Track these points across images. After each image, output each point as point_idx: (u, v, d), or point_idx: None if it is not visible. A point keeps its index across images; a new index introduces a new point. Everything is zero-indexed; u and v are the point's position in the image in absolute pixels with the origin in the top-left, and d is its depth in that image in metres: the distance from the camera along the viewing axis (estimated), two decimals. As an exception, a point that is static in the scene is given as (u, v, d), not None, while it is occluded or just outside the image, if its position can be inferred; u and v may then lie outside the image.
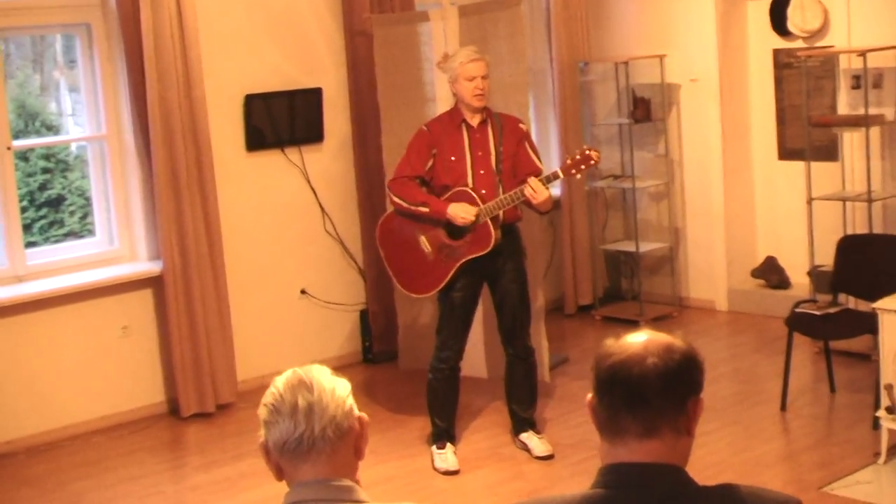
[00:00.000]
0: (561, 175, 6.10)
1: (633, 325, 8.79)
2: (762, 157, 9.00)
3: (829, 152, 8.26)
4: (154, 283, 7.37)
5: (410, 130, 7.49)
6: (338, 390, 2.50)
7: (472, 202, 6.12)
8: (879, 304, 5.93)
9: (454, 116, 6.30)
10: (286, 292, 8.01)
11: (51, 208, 7.61)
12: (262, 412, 2.50)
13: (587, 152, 6.09)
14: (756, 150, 9.03)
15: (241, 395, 7.56)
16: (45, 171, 7.69)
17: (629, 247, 9.21)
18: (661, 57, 8.87)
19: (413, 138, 6.42)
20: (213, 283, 7.36)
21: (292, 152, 7.95)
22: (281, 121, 7.87)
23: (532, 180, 5.98)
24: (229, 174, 7.61)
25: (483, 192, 6.15)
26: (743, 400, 7.08)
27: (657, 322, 8.82)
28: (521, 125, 6.40)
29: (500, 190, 6.17)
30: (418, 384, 6.94)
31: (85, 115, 7.43)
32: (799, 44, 8.57)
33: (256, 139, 7.78)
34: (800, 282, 8.63)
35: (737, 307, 8.95)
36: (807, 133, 8.12)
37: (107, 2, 7.23)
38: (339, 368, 7.24)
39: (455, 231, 6.20)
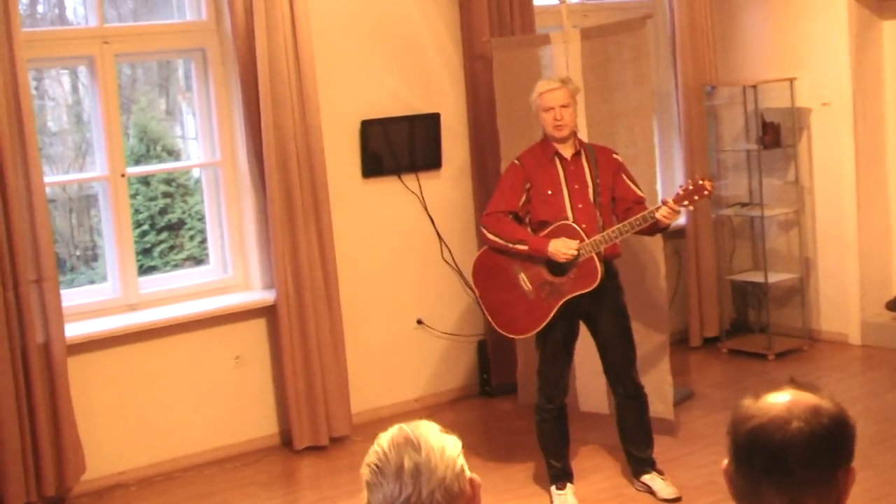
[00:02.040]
0: (674, 206, 5.80)
1: (761, 358, 8.47)
2: (898, 184, 8.61)
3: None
4: (267, 313, 7.24)
5: (530, 157, 7.31)
6: (448, 450, 2.29)
7: (576, 236, 5.87)
8: None
9: (546, 149, 6.06)
10: (402, 322, 7.84)
11: (171, 232, 7.56)
12: (365, 472, 2.30)
13: (700, 182, 5.81)
14: (892, 177, 8.63)
15: (355, 428, 7.38)
16: (166, 195, 7.66)
17: (757, 277, 8.87)
18: (792, 80, 8.54)
19: (506, 172, 6.21)
20: (327, 313, 7.21)
21: (409, 179, 7.79)
22: (398, 147, 7.71)
23: (667, 202, 5.75)
24: (345, 201, 7.46)
25: (583, 226, 5.90)
26: (879, 442, 6.69)
27: (786, 356, 8.49)
28: (615, 156, 6.15)
29: (600, 224, 5.92)
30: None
31: (199, 140, 7.35)
32: (938, 65, 8.20)
33: (373, 165, 7.63)
34: (939, 315, 8.24)
35: (871, 341, 8.54)
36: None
37: (222, 27, 7.15)
38: (456, 401, 7.13)
39: (557, 267, 5.95)
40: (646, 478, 6.24)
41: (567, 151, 6.02)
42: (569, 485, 6.16)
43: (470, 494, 2.31)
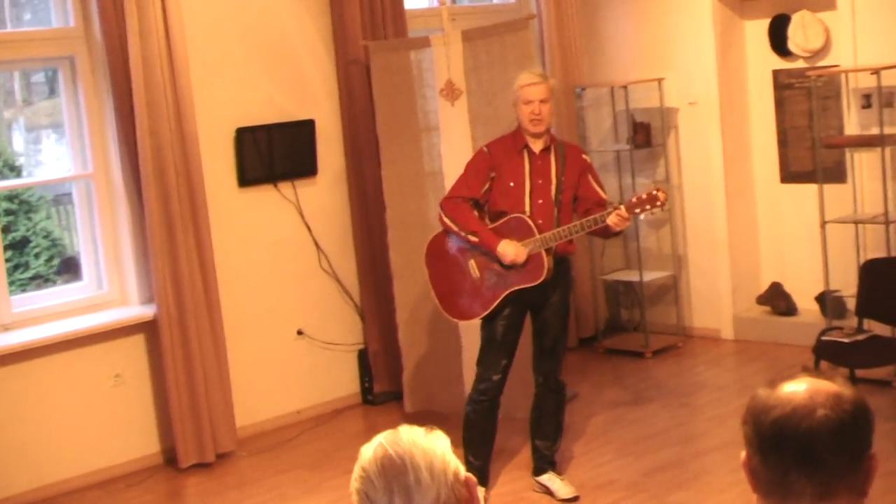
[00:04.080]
0: (625, 213, 5.79)
1: (638, 356, 8.56)
2: (764, 180, 8.77)
3: (835, 174, 8.05)
4: (146, 328, 7.01)
5: (411, 161, 7.26)
6: (436, 463, 2.16)
7: (528, 231, 5.84)
8: (921, 330, 5.68)
9: (517, 140, 6.00)
10: (283, 333, 7.68)
11: (15, 251, 7.24)
12: (355, 499, 2.17)
13: (654, 192, 5.80)
14: (758, 174, 8.80)
15: (240, 443, 7.22)
16: (9, 212, 7.34)
17: (631, 276, 8.95)
18: (660, 80, 8.64)
19: (472, 158, 6.14)
20: (209, 326, 7.02)
21: (285, 187, 7.64)
22: (273, 154, 7.55)
23: (617, 209, 5.74)
24: (221, 211, 7.28)
25: (539, 221, 5.87)
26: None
27: (663, 353, 8.59)
28: (584, 156, 6.15)
29: (557, 221, 5.89)
30: (426, 426, 6.59)
31: (69, 152, 7.08)
32: (799, 64, 8.37)
33: (248, 174, 7.45)
34: (807, 308, 8.42)
35: (743, 335, 8.69)
36: (817, 155, 7.90)
37: (92, 34, 6.89)
38: (340, 411, 6.97)
39: None
40: (544, 478, 6.23)
41: (537, 146, 5.97)
42: (480, 487, 6.08)
43: (466, 497, 2.20)
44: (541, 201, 5.92)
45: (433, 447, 2.19)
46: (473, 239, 5.91)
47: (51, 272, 7.34)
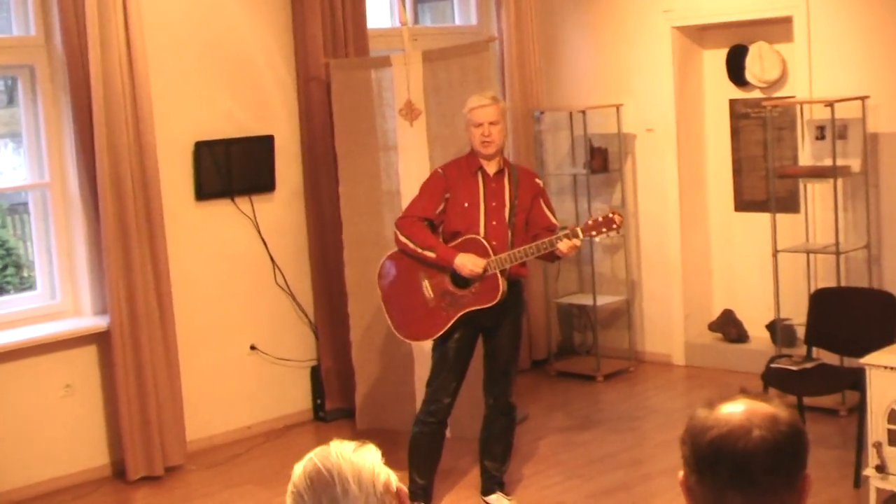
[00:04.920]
0: (580, 235, 5.84)
1: (590, 380, 8.60)
2: (718, 208, 8.87)
3: (788, 204, 8.14)
4: (99, 339, 6.99)
5: (369, 179, 7.30)
6: (364, 474, 2.19)
7: (483, 252, 5.88)
8: (867, 359, 5.73)
9: (471, 163, 6.05)
10: (236, 348, 7.68)
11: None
12: None
13: (610, 215, 5.88)
14: (712, 202, 8.89)
15: (190, 457, 7.21)
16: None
17: (584, 300, 9.00)
18: (618, 106, 8.71)
19: (427, 180, 6.19)
20: (161, 339, 7.01)
21: (243, 202, 7.64)
22: (232, 169, 7.55)
23: (565, 236, 5.80)
24: (178, 224, 7.27)
25: (493, 243, 5.91)
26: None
27: (614, 377, 8.64)
28: (537, 180, 6.22)
29: (510, 243, 5.93)
30: (378, 444, 6.60)
31: (26, 161, 7.06)
32: (756, 94, 8.47)
33: (206, 188, 7.45)
34: (758, 335, 8.49)
35: (694, 361, 8.76)
36: (771, 184, 7.99)
37: (52, 43, 6.88)
38: (291, 427, 6.97)
39: (461, 280, 5.95)
40: (492, 498, 6.26)
41: (491, 168, 6.01)
42: (424, 504, 6.13)
43: None
44: (495, 223, 5.97)
45: (362, 460, 2.22)
46: (430, 255, 5.93)
47: (3, 281, 7.30)
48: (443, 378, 6.06)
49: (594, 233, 5.87)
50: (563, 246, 5.79)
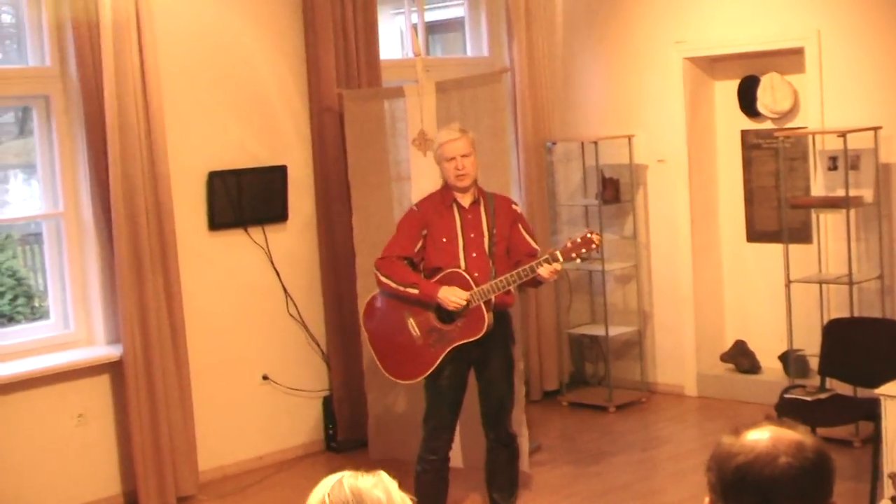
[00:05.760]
0: (560, 258, 5.82)
1: (602, 410, 8.58)
2: (730, 238, 8.86)
3: (801, 234, 8.14)
4: (112, 369, 6.99)
5: (382, 209, 7.29)
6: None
7: (466, 285, 5.85)
8: (883, 389, 5.72)
9: (445, 196, 6.04)
10: (248, 378, 7.67)
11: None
12: None
13: (588, 236, 5.85)
14: (724, 232, 8.89)
15: (202, 487, 7.19)
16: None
17: (596, 330, 8.99)
18: (630, 137, 8.73)
19: (403, 218, 6.17)
20: (174, 368, 7.01)
21: (256, 232, 7.66)
22: (244, 199, 7.57)
23: (545, 261, 5.76)
24: (191, 254, 7.29)
25: (475, 275, 5.89)
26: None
27: (626, 408, 8.62)
28: (514, 206, 6.18)
29: (493, 273, 5.92)
30: (391, 474, 6.57)
31: (40, 190, 7.08)
32: (767, 125, 8.49)
33: (219, 218, 7.47)
34: (770, 366, 8.47)
35: (706, 392, 8.74)
36: (784, 215, 7.99)
37: (67, 73, 6.91)
38: (303, 457, 6.95)
39: (446, 315, 5.92)
40: (506, 530, 6.22)
41: (466, 200, 6.00)
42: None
43: None
44: (475, 255, 5.96)
45: (384, 492, 2.20)
46: (413, 291, 5.90)
47: (14, 311, 7.31)
48: (440, 416, 6.04)
49: (574, 254, 5.84)
50: (544, 271, 5.76)
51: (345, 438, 7.90)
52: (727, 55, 8.51)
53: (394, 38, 8.67)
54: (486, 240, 5.98)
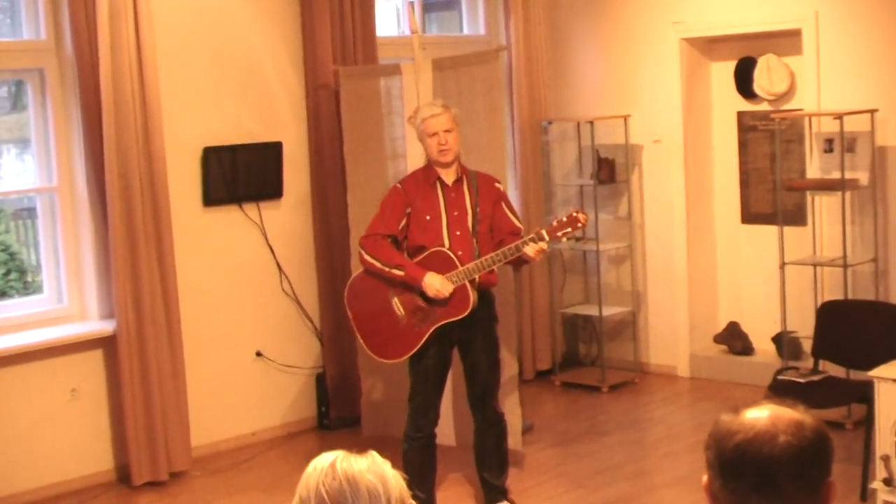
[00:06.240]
0: (546, 237, 5.81)
1: (594, 390, 8.58)
2: (725, 220, 8.86)
3: (796, 216, 8.14)
4: (105, 344, 6.98)
5: (377, 187, 7.27)
6: (384, 487, 2.18)
7: (450, 264, 5.84)
8: (876, 372, 5.73)
9: (428, 174, 6.02)
10: (241, 354, 7.67)
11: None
12: None
13: (574, 215, 5.83)
14: (719, 214, 8.89)
15: (194, 463, 7.19)
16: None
17: (589, 310, 8.99)
18: (626, 117, 8.72)
19: (387, 196, 6.14)
20: (167, 344, 7.00)
21: (250, 208, 7.64)
22: (239, 175, 7.55)
23: (531, 240, 5.74)
24: (185, 230, 7.27)
25: (459, 253, 5.88)
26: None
27: (619, 388, 8.62)
28: (497, 184, 6.16)
29: (476, 251, 5.91)
30: (384, 451, 6.57)
31: (34, 164, 7.05)
32: (764, 106, 8.47)
33: (214, 194, 7.45)
34: (763, 348, 8.49)
35: (699, 373, 8.75)
36: (779, 197, 7.99)
37: (63, 48, 6.88)
38: (296, 434, 6.95)
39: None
40: (497, 507, 6.23)
41: (449, 177, 5.98)
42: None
43: None
44: (458, 233, 5.94)
45: (376, 478, 2.20)
46: (399, 273, 5.89)
47: (7, 286, 7.29)
48: (425, 394, 6.04)
49: (559, 233, 5.83)
50: (530, 250, 5.75)
51: (337, 415, 7.90)
52: (724, 36, 8.50)
53: (390, 15, 8.63)
54: (469, 218, 5.97)
